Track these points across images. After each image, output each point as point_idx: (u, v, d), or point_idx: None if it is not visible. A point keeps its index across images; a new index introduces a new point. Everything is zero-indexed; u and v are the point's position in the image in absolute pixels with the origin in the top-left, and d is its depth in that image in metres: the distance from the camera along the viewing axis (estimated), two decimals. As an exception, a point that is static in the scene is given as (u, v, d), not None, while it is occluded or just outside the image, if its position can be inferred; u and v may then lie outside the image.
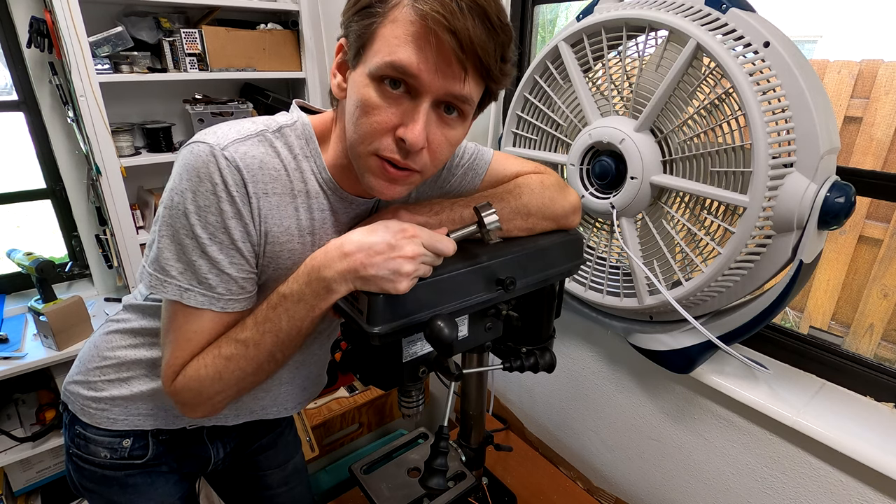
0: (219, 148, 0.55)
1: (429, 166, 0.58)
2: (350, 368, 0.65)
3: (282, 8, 1.77)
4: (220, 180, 0.55)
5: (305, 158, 0.62)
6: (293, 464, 1.00)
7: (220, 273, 0.58)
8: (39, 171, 1.66)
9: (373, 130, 0.54)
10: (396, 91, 0.53)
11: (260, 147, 0.58)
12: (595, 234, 1.01)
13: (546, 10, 1.33)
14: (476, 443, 0.94)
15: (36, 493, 1.66)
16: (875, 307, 1.49)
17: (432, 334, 0.53)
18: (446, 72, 0.52)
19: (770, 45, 0.71)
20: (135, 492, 0.80)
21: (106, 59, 1.46)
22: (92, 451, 0.77)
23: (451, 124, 0.57)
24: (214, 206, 0.55)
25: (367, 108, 0.53)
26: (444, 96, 0.53)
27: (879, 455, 0.73)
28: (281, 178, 0.60)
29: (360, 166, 0.57)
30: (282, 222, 0.61)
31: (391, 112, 0.53)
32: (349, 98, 0.56)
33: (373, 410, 1.65)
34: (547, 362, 0.74)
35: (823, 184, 0.70)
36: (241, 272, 0.59)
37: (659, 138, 0.85)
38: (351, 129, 0.56)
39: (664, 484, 1.09)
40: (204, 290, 0.58)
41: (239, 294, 0.60)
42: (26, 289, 1.74)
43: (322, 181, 0.63)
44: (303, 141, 0.62)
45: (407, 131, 0.53)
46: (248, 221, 0.58)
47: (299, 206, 0.62)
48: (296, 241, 0.63)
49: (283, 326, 0.58)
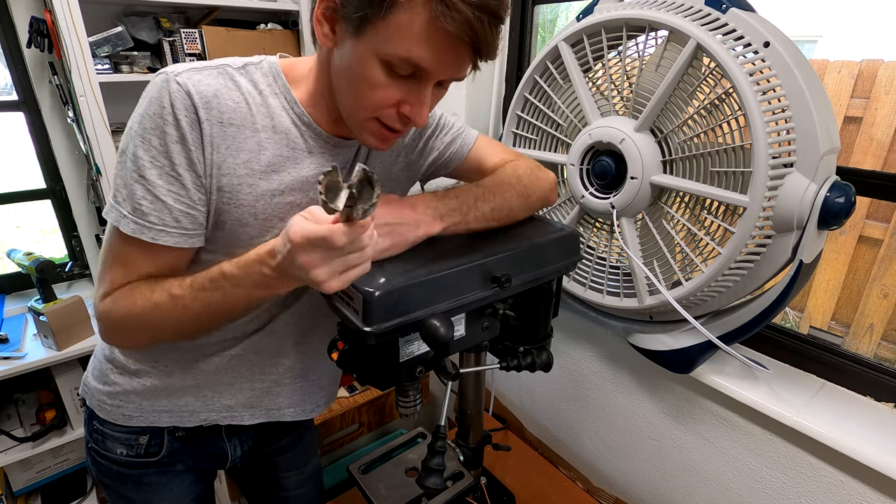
0: (172, 74, 0.55)
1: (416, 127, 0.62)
2: (347, 368, 0.64)
3: (282, 8, 1.76)
4: (169, 104, 0.55)
5: (273, 94, 0.62)
6: (311, 467, 1.00)
7: (155, 199, 0.57)
8: (39, 171, 1.66)
9: (375, 104, 0.56)
10: (404, 74, 0.54)
11: (218, 79, 0.58)
12: (595, 234, 1.01)
13: (546, 10, 1.33)
14: (474, 442, 0.94)
15: (36, 493, 1.66)
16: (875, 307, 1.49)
17: (428, 333, 0.53)
18: (456, 63, 0.55)
19: (770, 45, 0.71)
20: (149, 490, 0.80)
21: (106, 59, 1.46)
22: (109, 448, 0.77)
23: (439, 93, 0.61)
24: (159, 130, 0.55)
25: (372, 84, 0.55)
26: (447, 80, 0.58)
27: (879, 455, 0.73)
28: (240, 109, 0.59)
29: (357, 126, 0.60)
30: (239, 155, 0.59)
31: (396, 90, 0.55)
32: (350, 68, 0.56)
33: (372, 410, 1.65)
34: (544, 361, 0.74)
35: (823, 184, 0.69)
36: (178, 203, 0.58)
37: (659, 138, 0.85)
38: (351, 96, 0.57)
39: (664, 484, 1.09)
40: (136, 217, 0.57)
41: (172, 227, 0.58)
42: (26, 289, 1.74)
43: (295, 116, 0.63)
44: (269, 78, 0.62)
45: (414, 112, 0.56)
46: (192, 148, 0.57)
47: (263, 142, 0.61)
48: (257, 176, 0.61)
49: (215, 301, 0.58)
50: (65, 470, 1.68)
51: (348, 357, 0.63)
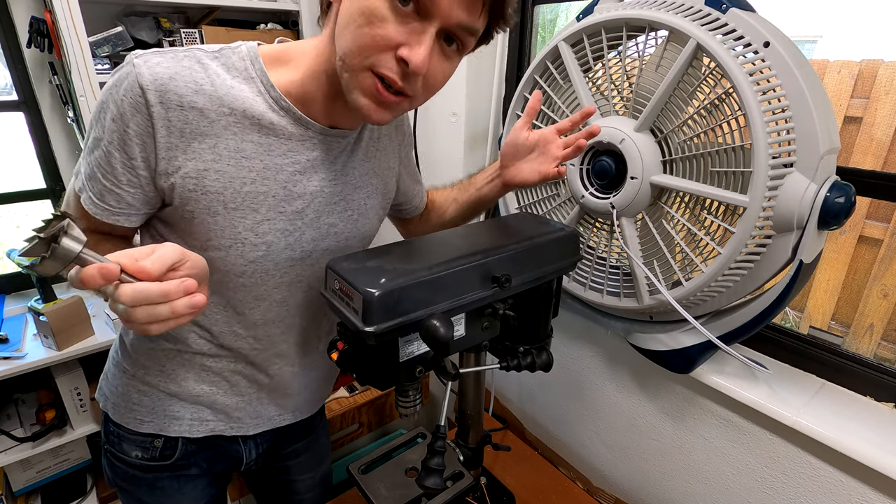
0: (133, 56, 0.54)
1: (420, 96, 0.55)
2: (347, 368, 0.64)
3: (282, 8, 1.76)
4: (119, 84, 0.54)
5: (248, 79, 0.58)
6: (322, 471, 1.01)
7: (87, 166, 0.59)
8: (39, 171, 1.66)
9: (374, 43, 0.50)
10: (406, 7, 0.49)
11: (182, 61, 0.55)
12: (595, 234, 1.01)
13: (546, 10, 1.33)
14: (474, 442, 0.94)
15: (36, 493, 1.66)
16: (875, 307, 1.49)
17: (428, 333, 0.53)
18: (466, 1, 0.50)
19: (770, 45, 0.71)
20: (162, 494, 0.80)
21: (106, 59, 1.46)
22: (125, 451, 0.77)
23: (449, 56, 0.55)
24: (106, 104, 0.55)
25: (371, 18, 0.50)
26: (454, 26, 0.51)
27: (879, 455, 0.73)
28: (204, 91, 0.56)
29: (351, 82, 0.53)
30: (204, 140, 0.57)
31: (397, 28, 0.50)
32: (350, 5, 0.51)
33: (373, 410, 1.64)
34: (544, 361, 0.74)
35: (823, 184, 0.69)
36: (105, 179, 0.57)
37: (659, 138, 0.85)
38: (348, 40, 0.52)
39: (664, 484, 1.09)
40: (76, 176, 0.61)
41: (96, 198, 0.59)
42: (26, 289, 1.74)
43: (271, 100, 0.59)
44: (246, 62, 0.58)
45: (412, 53, 0.50)
46: (129, 129, 0.54)
47: (231, 125, 0.58)
48: (224, 161, 0.58)
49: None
50: (65, 470, 1.68)
51: (348, 357, 0.63)
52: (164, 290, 0.45)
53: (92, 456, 1.70)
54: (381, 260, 0.61)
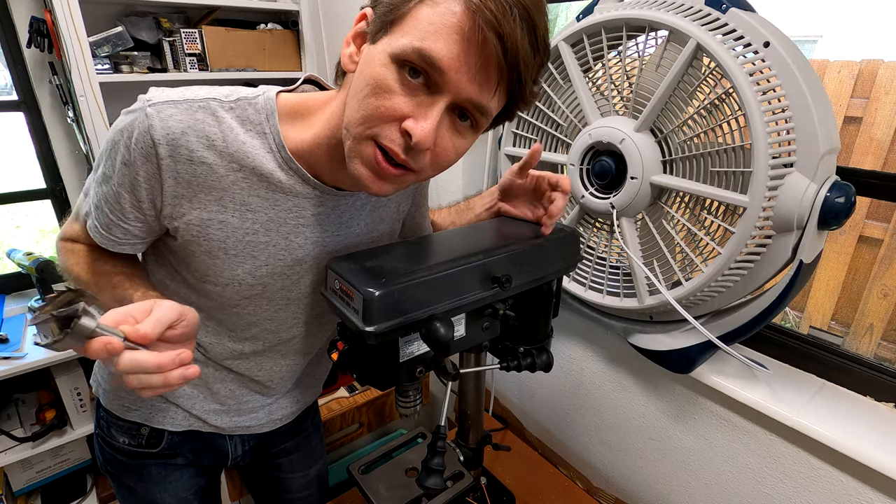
0: (147, 103, 0.54)
1: (427, 170, 0.53)
2: (347, 368, 0.64)
3: (282, 8, 1.77)
4: (130, 132, 0.54)
5: (260, 135, 0.58)
6: (315, 470, 1.01)
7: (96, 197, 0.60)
8: (39, 171, 1.66)
9: (378, 114, 0.49)
10: (415, 80, 0.48)
11: (196, 114, 0.55)
12: (595, 234, 1.01)
13: (546, 10, 1.33)
14: (474, 442, 0.94)
15: (36, 493, 1.66)
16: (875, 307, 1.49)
17: (428, 334, 0.53)
18: (479, 78, 0.47)
19: (770, 45, 0.71)
20: (150, 481, 0.81)
21: (106, 59, 1.46)
22: (113, 436, 0.79)
23: (461, 132, 0.52)
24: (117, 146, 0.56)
25: (377, 89, 0.48)
26: (465, 102, 0.49)
27: (879, 455, 0.73)
28: (215, 147, 0.56)
29: (352, 149, 0.52)
30: (211, 192, 0.57)
31: (404, 100, 0.48)
32: (360, 73, 0.51)
33: (373, 410, 1.64)
34: (544, 362, 0.74)
35: (823, 184, 0.69)
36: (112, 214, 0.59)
37: (659, 138, 0.85)
38: (354, 108, 0.51)
39: (664, 484, 1.09)
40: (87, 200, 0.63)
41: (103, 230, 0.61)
42: (26, 289, 1.74)
43: (281, 160, 0.58)
44: (262, 115, 0.58)
45: (416, 126, 0.48)
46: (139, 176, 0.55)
47: (239, 181, 0.58)
48: (229, 213, 0.59)
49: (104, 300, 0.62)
50: (65, 470, 1.68)
51: (348, 357, 0.63)
52: (159, 362, 0.47)
53: (92, 456, 1.70)
54: (381, 260, 0.61)
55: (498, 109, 0.53)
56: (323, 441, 1.04)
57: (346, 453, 1.69)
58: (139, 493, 0.82)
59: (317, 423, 1.01)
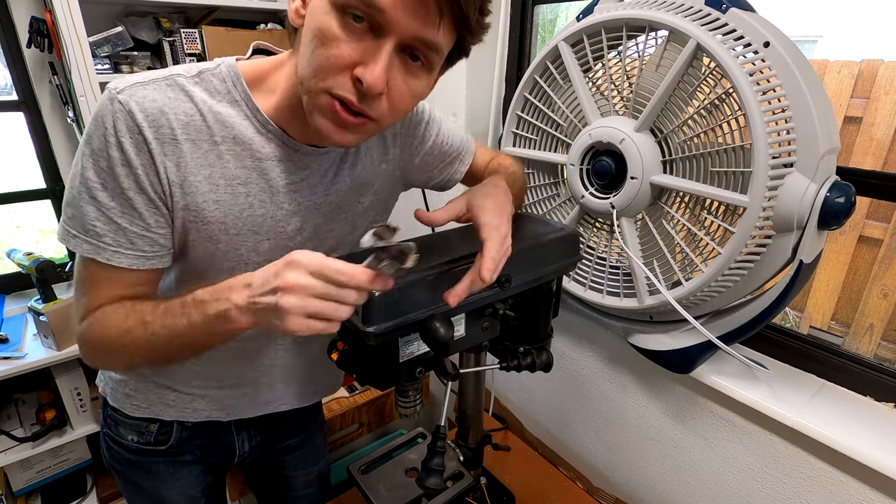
0: (115, 91, 0.52)
1: (386, 116, 0.53)
2: (347, 368, 0.64)
3: (282, 8, 1.76)
4: (111, 125, 0.52)
5: (232, 102, 0.57)
6: (318, 469, 1.01)
7: (108, 221, 0.55)
8: (39, 171, 1.66)
9: (328, 65, 0.48)
10: (359, 25, 0.47)
11: (167, 91, 0.54)
12: (595, 234, 1.01)
13: (546, 10, 1.33)
14: (474, 442, 0.94)
15: (36, 493, 1.66)
16: (875, 307, 1.49)
17: (428, 334, 0.53)
18: (419, 13, 0.47)
19: (770, 45, 0.71)
20: (158, 478, 0.82)
21: (106, 59, 1.46)
22: (121, 434, 0.79)
23: (415, 73, 0.52)
24: (105, 152, 0.52)
25: (324, 39, 0.48)
26: (412, 40, 0.49)
27: (879, 455, 0.73)
28: (195, 123, 0.55)
29: (310, 104, 0.52)
30: (200, 170, 0.56)
31: (350, 47, 0.48)
32: (306, 27, 0.50)
33: (373, 410, 1.64)
34: (544, 362, 0.74)
35: (823, 184, 0.69)
36: (133, 226, 0.55)
37: (659, 138, 0.85)
38: (304, 62, 0.51)
39: (664, 484, 1.09)
40: (90, 238, 0.55)
41: (128, 248, 0.56)
42: (26, 289, 1.74)
43: (258, 124, 0.58)
44: (228, 83, 0.57)
45: (366, 71, 0.47)
46: (140, 171, 0.53)
47: (224, 154, 0.57)
48: (222, 190, 0.58)
49: (178, 328, 0.53)
50: (65, 470, 1.68)
51: (348, 357, 0.63)
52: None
53: (92, 456, 1.70)
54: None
55: (449, 45, 0.52)
56: (326, 440, 1.04)
57: (346, 453, 1.69)
58: (147, 490, 0.83)
59: (321, 421, 1.02)
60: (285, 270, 0.46)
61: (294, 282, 0.45)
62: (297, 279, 0.46)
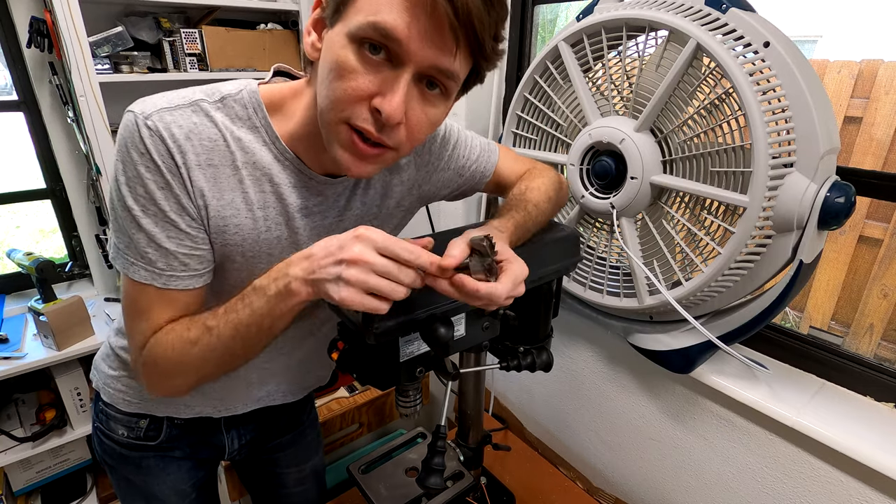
0: (142, 117, 0.52)
1: (404, 144, 0.54)
2: (347, 368, 0.64)
3: (282, 8, 1.77)
4: (145, 150, 0.52)
5: (253, 129, 0.58)
6: (311, 465, 1.01)
7: (158, 247, 0.55)
8: (39, 171, 1.66)
9: (346, 96, 0.49)
10: (376, 56, 0.48)
11: (192, 117, 0.55)
12: (595, 234, 1.01)
13: (546, 10, 1.33)
14: (474, 442, 0.94)
15: (36, 493, 1.66)
16: (875, 307, 1.49)
17: (429, 334, 0.53)
18: (436, 42, 0.47)
19: (770, 45, 0.71)
20: (148, 473, 0.82)
21: (106, 59, 1.46)
22: (112, 428, 0.80)
23: (432, 101, 0.53)
24: (141, 178, 0.53)
25: (341, 72, 0.49)
26: (429, 69, 0.49)
27: (879, 455, 0.73)
28: (218, 148, 0.56)
29: (329, 136, 0.53)
30: (223, 195, 0.57)
31: (368, 79, 0.49)
32: (323, 59, 0.51)
33: (372, 410, 1.64)
34: (544, 361, 0.74)
35: (823, 184, 0.69)
36: (180, 247, 0.56)
37: (659, 138, 0.85)
38: (322, 94, 0.52)
39: (664, 484, 1.09)
40: (145, 264, 0.55)
41: (182, 270, 0.57)
42: (26, 289, 1.74)
43: (277, 151, 0.59)
44: (249, 110, 0.58)
45: (384, 102, 0.48)
46: (179, 193, 0.54)
47: (244, 179, 0.58)
48: (242, 215, 0.59)
49: (243, 319, 0.54)
50: (65, 470, 1.68)
51: (348, 357, 0.63)
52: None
53: (92, 456, 1.70)
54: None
55: (465, 72, 0.53)
56: (320, 437, 1.04)
57: (346, 453, 1.69)
58: (137, 485, 0.83)
59: (313, 417, 1.02)
60: (352, 244, 0.47)
61: (359, 255, 0.46)
62: (363, 253, 0.46)
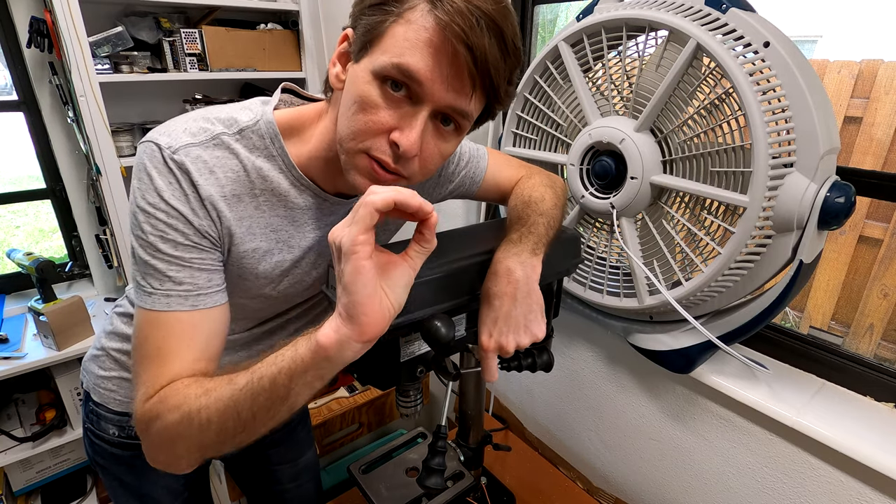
0: (169, 151, 0.54)
1: (417, 175, 0.57)
2: (347, 368, 0.64)
3: (282, 8, 1.77)
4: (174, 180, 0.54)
5: (269, 158, 0.60)
6: (304, 461, 1.02)
7: (182, 268, 0.55)
8: (39, 171, 1.66)
9: (367, 129, 0.53)
10: (398, 93, 0.52)
11: (215, 151, 0.57)
12: (595, 234, 1.01)
13: (546, 10, 1.33)
14: (474, 442, 0.94)
15: (36, 493, 1.66)
16: (875, 307, 1.49)
17: (429, 333, 0.53)
18: (454, 85, 0.51)
19: (770, 45, 0.71)
20: (140, 472, 0.83)
21: (106, 59, 1.46)
22: (103, 428, 0.80)
23: (445, 137, 0.56)
24: (164, 206, 0.53)
25: (364, 106, 0.52)
26: (446, 108, 0.53)
27: (879, 455, 0.73)
28: (240, 179, 0.59)
29: (348, 162, 0.56)
30: (243, 222, 0.60)
31: (389, 114, 0.52)
32: (347, 91, 0.55)
33: (373, 410, 1.65)
34: (545, 362, 0.74)
35: (823, 184, 0.69)
36: (204, 264, 0.57)
37: (659, 138, 0.85)
38: (344, 124, 0.55)
39: (664, 484, 1.09)
40: (168, 289, 0.54)
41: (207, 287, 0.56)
42: (26, 289, 1.75)
43: (293, 178, 0.62)
44: (266, 140, 0.60)
45: (402, 137, 0.52)
46: (204, 221, 0.56)
47: (261, 204, 0.61)
48: (259, 238, 0.62)
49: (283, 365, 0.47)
50: (65, 470, 1.68)
51: (348, 357, 0.63)
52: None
53: (92, 456, 1.71)
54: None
55: (478, 111, 0.56)
56: (311, 433, 1.05)
57: (346, 453, 1.69)
58: (129, 484, 0.84)
59: (303, 415, 1.03)
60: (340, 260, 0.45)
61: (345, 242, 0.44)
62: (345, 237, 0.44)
